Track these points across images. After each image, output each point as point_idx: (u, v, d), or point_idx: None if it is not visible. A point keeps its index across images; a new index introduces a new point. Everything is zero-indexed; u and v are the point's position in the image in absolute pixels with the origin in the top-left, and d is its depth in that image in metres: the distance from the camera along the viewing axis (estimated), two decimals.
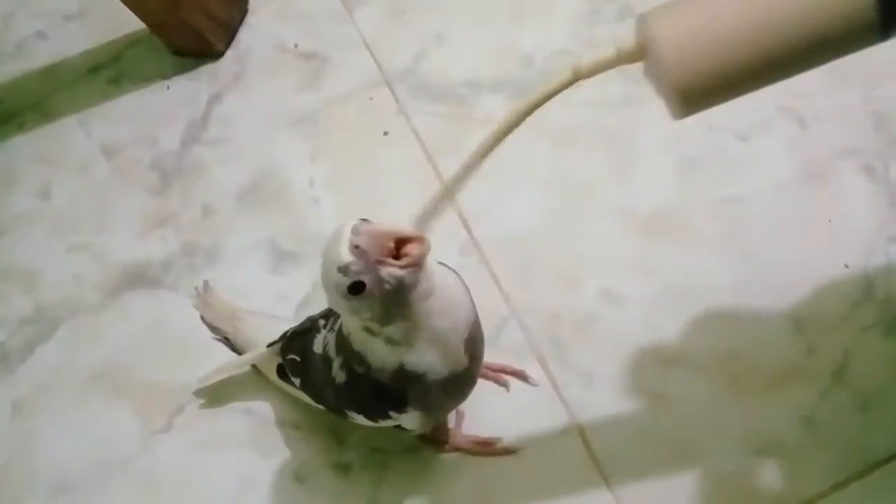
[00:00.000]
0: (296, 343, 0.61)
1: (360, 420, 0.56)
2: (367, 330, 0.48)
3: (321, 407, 0.60)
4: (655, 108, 0.73)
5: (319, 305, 0.70)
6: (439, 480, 0.62)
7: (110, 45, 0.94)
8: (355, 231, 0.44)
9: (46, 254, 0.80)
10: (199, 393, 0.69)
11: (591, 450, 0.60)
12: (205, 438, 0.67)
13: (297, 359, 0.60)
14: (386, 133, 0.79)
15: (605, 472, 0.59)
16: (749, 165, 0.69)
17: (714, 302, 0.64)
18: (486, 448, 0.61)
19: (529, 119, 0.75)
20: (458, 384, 0.53)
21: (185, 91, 0.87)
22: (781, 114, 0.71)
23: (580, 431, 0.61)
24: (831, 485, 0.56)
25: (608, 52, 0.40)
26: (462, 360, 0.51)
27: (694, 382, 0.61)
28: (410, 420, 0.53)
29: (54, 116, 0.90)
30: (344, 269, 0.44)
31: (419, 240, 0.44)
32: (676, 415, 0.60)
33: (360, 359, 0.51)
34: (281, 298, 0.72)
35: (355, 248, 0.43)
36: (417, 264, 0.44)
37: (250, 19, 0.91)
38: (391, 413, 0.53)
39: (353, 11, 0.87)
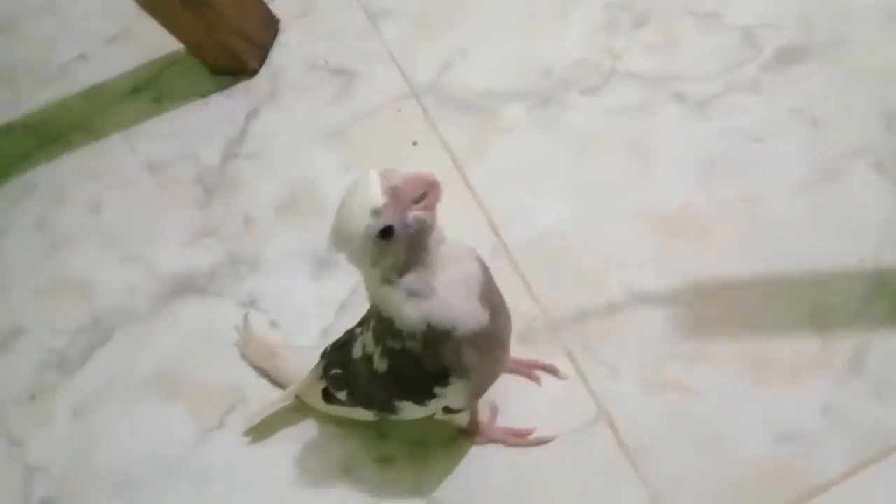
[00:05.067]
0: (336, 357, 0.63)
1: (409, 410, 0.58)
2: (387, 281, 0.50)
3: (371, 418, 0.63)
4: (672, 112, 0.78)
5: (358, 309, 0.74)
6: (477, 471, 0.65)
7: (151, 66, 0.98)
8: (387, 175, 0.47)
9: (99, 265, 0.85)
10: (248, 432, 0.71)
11: (620, 439, 0.64)
12: (255, 435, 0.71)
13: (339, 371, 0.62)
14: (415, 143, 0.83)
15: (634, 460, 0.63)
16: (764, 166, 0.72)
17: (734, 297, 0.67)
18: (520, 438, 0.65)
19: (553, 125, 0.79)
20: (488, 342, 0.54)
21: (223, 108, 0.92)
22: (795, 115, 0.74)
23: (609, 422, 0.64)
24: (849, 468, 0.59)
25: None
26: (482, 314, 0.52)
27: (717, 374, 0.64)
28: (455, 393, 0.55)
29: (100, 135, 0.95)
30: (377, 212, 0.46)
31: (437, 184, 0.48)
32: (700, 405, 0.63)
33: (392, 328, 0.53)
34: (321, 303, 0.76)
35: (393, 188, 0.46)
36: (436, 205, 0.48)
37: (282, 38, 0.95)
38: (436, 390, 0.55)
39: (380, 27, 0.91)
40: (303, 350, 0.71)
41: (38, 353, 0.81)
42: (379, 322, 0.55)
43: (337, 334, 0.73)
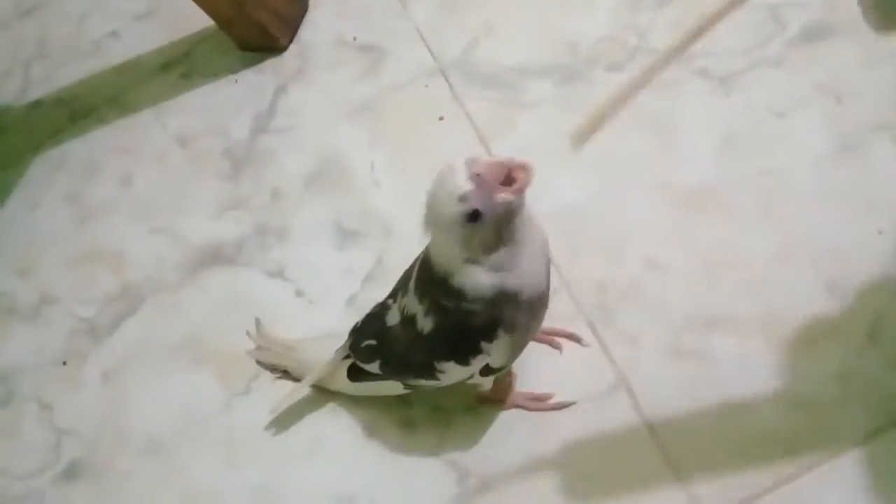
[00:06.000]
0: (368, 328, 0.64)
1: (451, 372, 0.59)
2: (471, 261, 0.53)
3: (400, 390, 0.65)
4: (696, 88, 0.78)
5: (382, 279, 0.76)
6: (498, 435, 0.66)
7: (181, 43, 1.00)
8: (471, 163, 0.50)
9: (129, 236, 0.87)
10: (272, 421, 0.72)
11: (638, 405, 0.65)
12: (280, 400, 0.73)
13: (374, 342, 0.63)
14: (441, 118, 0.84)
15: (651, 425, 0.64)
16: (786, 141, 0.73)
17: (752, 268, 0.67)
18: (541, 403, 0.66)
19: (578, 101, 0.79)
20: (542, 304, 0.58)
21: (253, 84, 0.93)
22: (817, 91, 0.75)
23: (628, 389, 0.65)
24: (863, 436, 0.59)
25: None
26: (546, 281, 0.57)
27: (734, 343, 0.65)
28: (499, 350, 0.57)
29: (131, 110, 0.97)
30: (464, 198, 0.49)
31: (527, 167, 0.50)
32: (718, 373, 0.64)
33: (456, 292, 0.55)
34: (347, 272, 0.77)
35: (476, 175, 0.49)
36: (525, 188, 0.50)
37: (311, 15, 0.96)
38: (482, 344, 0.56)
39: (408, 5, 0.92)
40: (319, 339, 0.73)
41: (69, 320, 0.84)
42: (431, 283, 0.56)
43: (362, 304, 0.75)
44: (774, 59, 0.76)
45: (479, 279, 0.54)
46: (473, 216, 0.50)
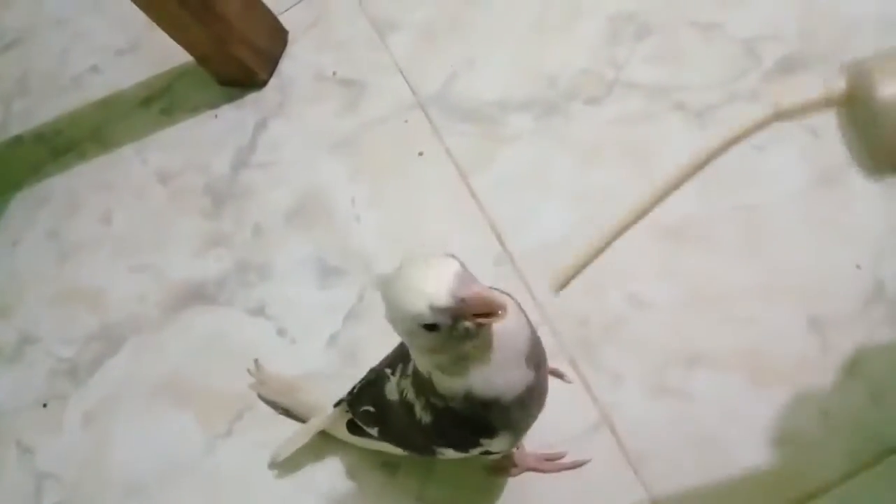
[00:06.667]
0: (366, 394, 0.63)
1: (451, 455, 0.58)
2: (439, 367, 0.51)
3: (400, 452, 0.63)
4: (674, 122, 0.78)
5: (363, 317, 0.76)
6: (481, 479, 0.66)
7: (161, 78, 1.00)
8: (462, 280, 0.45)
9: (110, 274, 0.87)
10: (273, 466, 0.71)
11: (622, 444, 0.64)
12: (262, 442, 0.72)
13: (372, 409, 0.62)
14: (421, 153, 0.84)
15: (635, 465, 0.63)
16: (765, 174, 0.73)
17: (734, 303, 0.68)
18: (555, 464, 0.65)
19: (557, 134, 0.80)
20: (532, 396, 0.54)
21: (233, 119, 0.94)
22: (795, 125, 0.74)
23: (611, 427, 0.65)
24: (845, 472, 0.59)
25: (814, 93, 0.39)
26: (528, 374, 0.52)
27: (716, 379, 0.65)
28: (501, 443, 0.55)
29: (112, 146, 0.97)
30: (436, 311, 0.45)
31: (503, 309, 0.46)
32: (700, 410, 0.64)
33: (440, 395, 0.53)
34: (329, 310, 0.77)
35: (462, 300, 0.45)
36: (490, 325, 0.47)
37: (291, 49, 0.97)
38: (482, 441, 0.55)
39: (387, 39, 0.92)
40: (322, 382, 0.72)
41: (49, 361, 0.83)
42: (421, 380, 0.54)
43: (344, 342, 0.75)
44: (751, 93, 0.77)
45: (453, 386, 0.52)
46: (431, 327, 0.46)
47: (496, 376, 0.51)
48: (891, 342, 0.63)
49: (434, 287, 0.45)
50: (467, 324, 0.46)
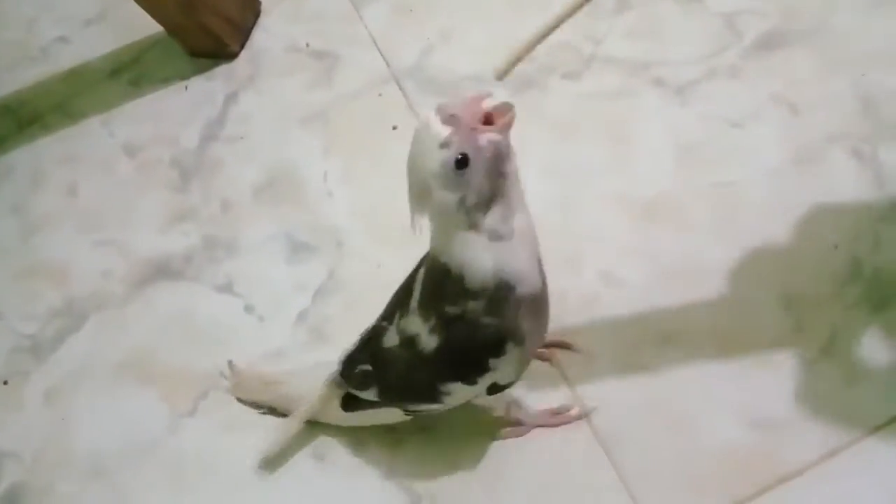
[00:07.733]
0: (362, 354, 0.61)
1: (457, 393, 0.56)
2: (472, 226, 0.48)
3: (400, 417, 0.62)
4: (653, 97, 0.77)
5: (334, 293, 0.74)
6: (450, 454, 0.65)
7: (130, 48, 0.98)
8: (443, 107, 0.45)
9: (74, 249, 0.84)
10: (263, 462, 0.68)
11: (594, 424, 0.63)
12: (228, 421, 0.70)
13: (369, 367, 0.60)
14: (395, 127, 0.82)
15: (606, 446, 0.62)
16: (743, 152, 0.72)
17: (708, 282, 0.67)
18: (564, 416, 0.64)
19: (533, 109, 0.78)
20: (540, 309, 0.54)
21: (203, 91, 0.91)
22: (774, 101, 0.74)
23: (583, 407, 0.64)
24: (820, 454, 0.59)
25: None
26: (539, 277, 0.52)
27: (689, 358, 0.64)
28: (507, 365, 0.54)
29: (78, 117, 0.94)
30: (446, 144, 0.45)
31: (507, 105, 0.46)
32: (673, 389, 0.63)
33: (460, 287, 0.51)
34: (298, 287, 0.75)
35: (452, 117, 0.45)
36: (510, 126, 0.46)
37: (263, 21, 0.94)
38: (490, 361, 0.53)
39: (362, 11, 0.90)
40: (304, 371, 0.68)
41: (11, 337, 0.81)
42: (437, 289, 0.53)
43: (314, 319, 0.74)
44: (730, 69, 0.76)
45: (478, 254, 0.49)
46: (462, 162, 0.45)
47: (520, 250, 0.50)
48: (866, 322, 0.62)
49: (430, 130, 0.45)
50: (488, 136, 0.45)
